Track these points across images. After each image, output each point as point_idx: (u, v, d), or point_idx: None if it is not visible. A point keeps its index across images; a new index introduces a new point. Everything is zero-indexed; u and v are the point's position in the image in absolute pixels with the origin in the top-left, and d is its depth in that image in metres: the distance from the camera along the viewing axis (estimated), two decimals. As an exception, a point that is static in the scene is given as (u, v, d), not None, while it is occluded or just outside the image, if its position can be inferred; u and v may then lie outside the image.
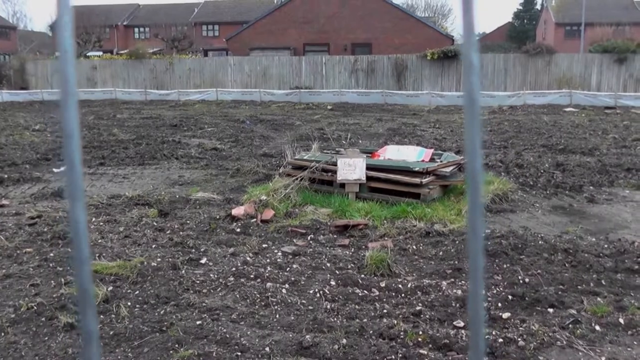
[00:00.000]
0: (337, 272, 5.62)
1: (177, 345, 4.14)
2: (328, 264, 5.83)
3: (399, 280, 5.37)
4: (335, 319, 4.57)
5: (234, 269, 5.63)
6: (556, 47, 31.41)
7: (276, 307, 4.80)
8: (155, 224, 7.28)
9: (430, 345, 4.10)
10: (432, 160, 8.68)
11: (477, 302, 0.83)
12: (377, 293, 5.10)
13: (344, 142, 13.68)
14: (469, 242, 0.81)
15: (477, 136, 0.81)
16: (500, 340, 4.12)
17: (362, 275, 5.47)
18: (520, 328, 4.31)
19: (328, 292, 5.08)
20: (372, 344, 4.10)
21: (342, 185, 8.32)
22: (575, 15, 49.13)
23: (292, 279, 5.40)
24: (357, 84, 29.62)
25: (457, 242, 6.36)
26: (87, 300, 0.85)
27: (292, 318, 4.59)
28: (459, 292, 5.03)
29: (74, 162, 0.91)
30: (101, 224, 7.28)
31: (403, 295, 5.05)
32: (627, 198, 8.54)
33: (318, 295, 5.04)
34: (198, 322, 4.49)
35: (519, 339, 4.13)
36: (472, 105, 0.82)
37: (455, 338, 4.16)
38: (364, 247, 6.35)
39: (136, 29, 60.57)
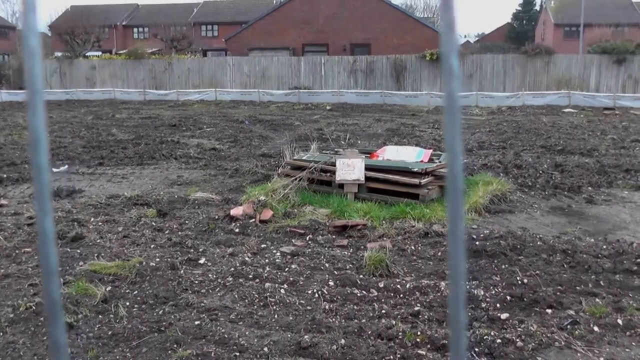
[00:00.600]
0: (336, 272, 5.62)
1: (175, 345, 4.14)
2: (327, 264, 5.83)
3: (398, 280, 5.38)
4: (334, 319, 4.57)
5: (232, 269, 5.63)
6: (555, 48, 31.43)
7: (275, 307, 4.80)
8: (154, 224, 7.28)
9: (429, 346, 4.10)
10: (430, 160, 8.69)
11: (457, 305, 0.83)
12: (376, 293, 5.10)
13: (342, 142, 13.69)
14: (450, 244, 0.81)
15: (458, 141, 0.80)
16: (499, 340, 4.12)
17: (361, 276, 5.47)
18: (519, 329, 4.32)
19: (327, 293, 5.08)
20: (371, 345, 4.10)
21: (341, 186, 8.32)
22: (574, 16, 49.16)
23: (291, 279, 5.40)
24: (356, 84, 29.63)
25: (455, 242, 6.36)
26: (56, 312, 0.82)
27: (291, 318, 4.60)
28: (458, 292, 5.03)
29: (40, 167, 0.86)
30: (100, 224, 7.28)
31: (401, 295, 5.06)
32: (626, 199, 8.55)
33: (317, 295, 5.04)
34: (197, 322, 4.49)
35: (518, 340, 4.13)
36: (452, 110, 0.80)
37: (453, 338, 4.16)
38: (362, 247, 6.35)
39: (135, 29, 60.52)
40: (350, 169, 8.25)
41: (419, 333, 4.24)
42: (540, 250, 6.06)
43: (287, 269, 5.70)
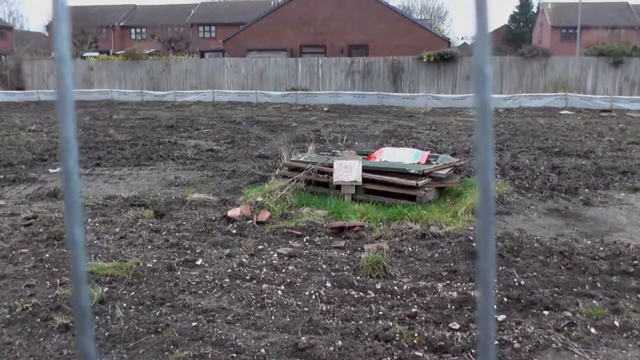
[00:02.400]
0: (333, 273, 5.62)
1: (172, 347, 4.13)
2: (324, 266, 5.83)
3: (395, 282, 5.38)
4: (331, 320, 4.56)
5: (229, 270, 5.63)
6: (552, 50, 31.51)
7: (272, 308, 4.80)
8: (151, 225, 7.27)
9: (426, 347, 4.10)
10: (428, 162, 8.70)
11: (488, 317, 0.81)
12: (373, 295, 5.10)
13: (340, 144, 13.68)
14: (480, 259, 0.78)
15: (490, 152, 0.77)
16: (496, 342, 4.12)
17: (358, 277, 5.47)
18: (516, 330, 4.32)
19: (324, 294, 5.08)
20: (368, 346, 4.10)
21: (338, 187, 8.32)
22: (571, 19, 49.30)
23: (288, 280, 5.40)
24: (354, 85, 29.64)
25: (452, 244, 6.37)
26: (86, 322, 0.80)
27: (288, 320, 4.59)
28: (455, 294, 5.04)
29: (71, 173, 0.81)
30: (97, 224, 7.27)
31: (399, 297, 5.06)
32: (623, 201, 8.57)
33: (314, 297, 5.04)
34: (193, 324, 4.48)
35: (515, 342, 4.14)
36: (484, 120, 0.77)
37: (450, 340, 4.16)
38: (359, 248, 6.35)
39: (133, 30, 60.46)
40: (347, 170, 8.25)
41: (416, 334, 4.24)
42: (537, 252, 6.06)
43: (284, 271, 5.70)
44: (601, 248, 6.25)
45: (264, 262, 5.94)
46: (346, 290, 5.17)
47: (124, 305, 4.85)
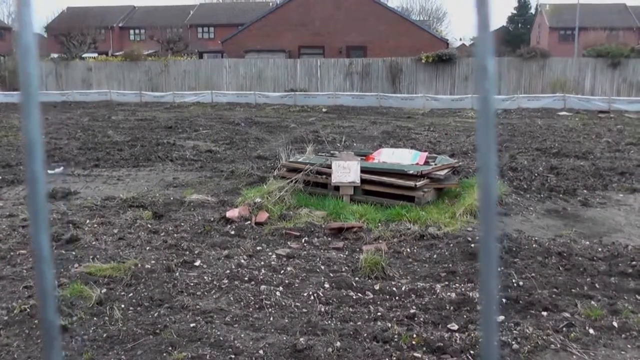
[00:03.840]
0: (332, 274, 5.61)
1: (170, 348, 4.13)
2: (322, 267, 5.83)
3: (393, 283, 5.37)
4: (329, 321, 4.56)
5: (228, 271, 5.62)
6: (550, 51, 31.51)
7: (270, 309, 4.79)
8: (149, 226, 7.26)
9: (425, 348, 4.10)
10: (426, 163, 8.69)
11: (490, 326, 0.79)
12: (372, 296, 5.09)
13: (338, 144, 13.68)
14: (481, 259, 0.76)
15: (492, 149, 0.74)
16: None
17: (357, 278, 5.47)
18: (515, 331, 4.32)
19: (322, 295, 5.08)
20: (366, 347, 4.10)
21: (337, 188, 8.32)
22: (569, 20, 49.37)
23: (286, 281, 5.39)
24: (352, 86, 29.65)
25: (451, 245, 6.37)
26: (53, 337, 0.73)
27: (286, 321, 4.59)
28: (453, 295, 5.03)
29: (36, 176, 0.74)
30: (95, 225, 7.26)
31: (397, 298, 5.05)
32: (621, 202, 8.57)
33: (312, 298, 5.04)
34: (192, 325, 4.48)
35: (513, 342, 4.14)
36: (487, 114, 0.74)
37: (449, 341, 4.16)
38: (358, 249, 6.35)
39: (131, 31, 60.44)
40: (346, 171, 8.25)
41: (414, 335, 4.24)
42: (535, 252, 6.06)
43: (282, 272, 5.69)
44: (599, 249, 6.25)
45: (262, 263, 5.94)
46: (345, 291, 5.16)
47: (122, 306, 4.85)
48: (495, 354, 0.79)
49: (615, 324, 4.42)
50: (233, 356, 4.02)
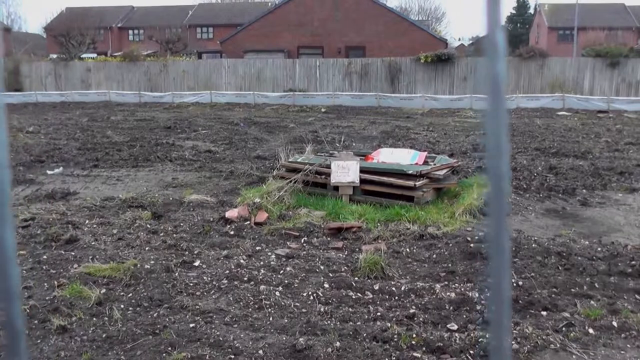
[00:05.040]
0: (331, 274, 5.62)
1: (170, 348, 4.12)
2: (322, 267, 5.83)
3: (393, 283, 5.37)
4: (329, 321, 4.56)
5: (227, 271, 5.62)
6: (549, 51, 31.54)
7: (270, 309, 4.79)
8: (148, 226, 7.26)
9: (424, 348, 4.10)
10: (425, 163, 8.70)
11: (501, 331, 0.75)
12: (371, 296, 5.09)
13: (337, 144, 13.68)
14: (492, 259, 0.72)
15: (503, 136, 0.69)
16: (491, 342, 4.12)
17: (356, 278, 5.47)
18: (514, 331, 4.32)
19: (322, 295, 5.08)
20: (366, 347, 4.10)
21: (336, 188, 8.32)
22: (568, 20, 49.39)
23: (286, 281, 5.39)
24: (351, 86, 29.64)
25: (450, 245, 6.37)
26: (20, 343, 0.66)
27: (286, 321, 4.59)
28: (453, 294, 5.04)
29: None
30: (94, 226, 7.26)
31: (397, 298, 5.05)
32: (620, 201, 8.58)
33: (312, 298, 5.04)
34: (191, 325, 4.48)
35: (513, 342, 4.13)
36: (497, 96, 0.69)
37: (448, 341, 4.16)
38: (357, 249, 6.35)
39: (130, 31, 60.42)
40: (345, 171, 8.25)
41: (414, 335, 4.24)
42: (535, 252, 6.06)
43: (282, 272, 5.69)
44: (599, 248, 6.25)
45: (261, 263, 5.94)
46: (344, 291, 5.16)
47: (122, 306, 4.85)
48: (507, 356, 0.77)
49: (614, 323, 4.42)
50: (232, 356, 4.02)
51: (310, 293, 5.11)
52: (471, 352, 4.03)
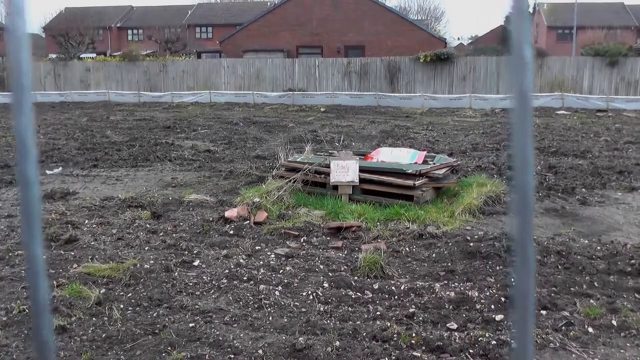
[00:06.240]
0: (330, 274, 5.62)
1: (169, 348, 4.12)
2: (321, 266, 5.83)
3: (392, 282, 5.38)
4: (329, 321, 4.56)
5: (227, 271, 5.62)
6: (548, 50, 31.56)
7: (269, 309, 4.79)
8: (148, 226, 7.26)
9: (424, 347, 4.10)
10: (425, 162, 8.70)
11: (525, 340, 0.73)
12: (371, 295, 5.10)
13: (337, 144, 13.68)
14: (516, 266, 0.70)
15: (529, 148, 0.68)
16: (494, 342, 4.13)
17: (356, 278, 5.47)
18: (513, 330, 4.31)
19: (321, 294, 5.08)
20: (366, 346, 4.10)
21: (335, 188, 8.32)
22: (567, 19, 49.38)
23: (285, 281, 5.39)
24: (350, 86, 29.64)
25: (450, 244, 6.37)
26: (47, 355, 0.65)
27: (285, 320, 4.59)
28: (452, 294, 5.04)
29: (29, 178, 0.65)
30: (94, 226, 7.25)
31: (396, 297, 5.06)
32: (619, 200, 8.58)
33: (311, 297, 5.04)
34: (191, 325, 4.48)
35: (513, 342, 4.13)
36: (524, 109, 0.69)
37: (448, 340, 4.16)
38: (357, 249, 6.35)
39: (130, 31, 60.41)
40: (344, 170, 8.25)
41: (413, 335, 4.24)
42: (534, 251, 6.06)
43: (281, 271, 5.69)
44: (598, 247, 6.26)
45: (261, 262, 5.94)
46: (344, 291, 5.17)
47: (121, 306, 4.85)
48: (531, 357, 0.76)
49: (614, 322, 4.42)
50: (232, 356, 4.02)
51: (309, 292, 5.11)
52: (471, 351, 4.03)
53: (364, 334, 4.30)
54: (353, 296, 5.06)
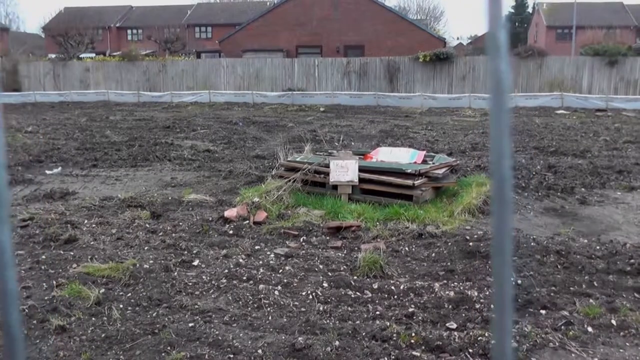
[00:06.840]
0: (330, 273, 5.62)
1: (169, 348, 4.12)
2: (321, 266, 5.83)
3: (392, 282, 5.38)
4: (328, 320, 4.56)
5: (226, 271, 5.62)
6: (547, 50, 31.53)
7: (269, 309, 4.79)
8: (147, 226, 7.26)
9: (423, 347, 4.10)
10: (424, 162, 8.70)
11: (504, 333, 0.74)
12: (370, 295, 5.10)
13: (336, 144, 13.69)
14: (495, 267, 0.70)
15: (506, 137, 0.69)
16: (493, 342, 4.12)
17: (355, 277, 5.47)
18: (513, 330, 4.32)
19: (321, 294, 5.08)
20: (365, 346, 4.10)
21: (335, 187, 8.32)
22: (566, 19, 49.40)
23: (285, 280, 5.39)
24: (350, 86, 29.64)
25: (449, 243, 6.37)
26: (15, 347, 0.63)
27: (285, 320, 4.59)
28: (452, 293, 5.04)
29: None
30: (93, 226, 7.25)
31: (396, 296, 5.06)
32: (619, 200, 8.58)
33: (311, 297, 5.04)
34: (190, 325, 4.48)
35: (512, 341, 4.13)
36: (500, 96, 0.69)
37: (447, 340, 4.16)
38: (356, 248, 6.35)
39: (129, 31, 60.41)
40: (344, 170, 8.25)
41: (413, 334, 4.24)
42: (534, 251, 6.07)
43: (281, 271, 5.69)
44: (598, 247, 6.26)
45: (260, 262, 5.94)
46: (343, 290, 5.17)
47: (121, 306, 4.84)
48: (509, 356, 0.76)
49: (613, 322, 4.42)
50: (232, 356, 4.02)
51: (309, 292, 5.11)
52: (470, 350, 4.03)
53: (364, 333, 4.30)
54: (352, 296, 5.06)
